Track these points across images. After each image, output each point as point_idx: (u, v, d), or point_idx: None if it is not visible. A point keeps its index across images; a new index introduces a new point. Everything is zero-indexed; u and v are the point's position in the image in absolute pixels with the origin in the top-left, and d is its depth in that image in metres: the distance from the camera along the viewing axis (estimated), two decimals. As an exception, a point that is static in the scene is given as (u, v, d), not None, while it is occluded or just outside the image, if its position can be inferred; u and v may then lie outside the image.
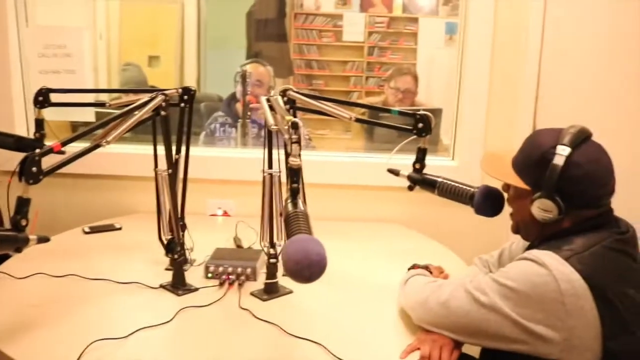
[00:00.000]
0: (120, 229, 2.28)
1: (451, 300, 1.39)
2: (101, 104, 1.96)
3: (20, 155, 1.80)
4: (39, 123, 1.89)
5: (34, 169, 1.34)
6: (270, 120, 1.50)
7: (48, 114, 1.94)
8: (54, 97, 1.91)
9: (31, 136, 1.95)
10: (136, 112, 1.55)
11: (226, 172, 2.50)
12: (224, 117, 3.16)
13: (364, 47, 5.77)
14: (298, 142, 1.31)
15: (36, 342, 1.45)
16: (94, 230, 2.24)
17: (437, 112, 2.84)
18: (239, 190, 2.47)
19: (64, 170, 1.44)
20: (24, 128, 2.58)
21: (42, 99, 1.87)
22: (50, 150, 1.38)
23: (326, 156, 2.59)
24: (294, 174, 1.31)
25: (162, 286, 1.73)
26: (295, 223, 1.22)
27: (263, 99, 1.62)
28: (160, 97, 1.61)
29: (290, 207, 1.27)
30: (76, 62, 2.61)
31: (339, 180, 2.49)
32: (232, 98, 3.23)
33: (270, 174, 1.67)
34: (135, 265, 1.90)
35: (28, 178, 1.33)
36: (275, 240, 1.70)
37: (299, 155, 1.30)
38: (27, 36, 2.58)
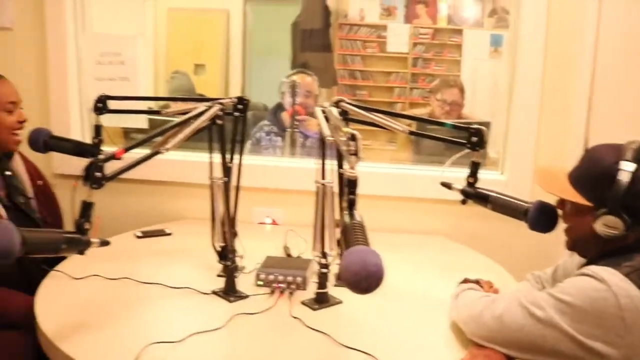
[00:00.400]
0: (170, 234, 2.32)
1: (506, 314, 1.38)
2: (156, 112, 2.01)
3: (77, 160, 1.87)
4: (97, 129, 1.94)
5: (98, 174, 1.38)
6: (326, 131, 1.52)
7: (102, 120, 1.99)
8: (110, 104, 1.96)
9: (85, 141, 2.01)
10: (194, 120, 1.58)
11: (274, 180, 2.52)
12: (270, 126, 3.20)
13: (408, 58, 5.77)
14: (356, 153, 1.33)
15: (93, 342, 1.49)
16: (146, 234, 2.29)
17: (485, 125, 2.82)
18: (287, 199, 2.49)
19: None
20: (78, 133, 2.64)
21: (101, 105, 1.92)
22: (113, 157, 1.42)
23: (374, 167, 2.59)
24: (351, 185, 1.32)
25: (214, 292, 1.76)
26: (353, 234, 1.23)
27: (318, 109, 1.63)
28: (217, 106, 1.64)
29: (347, 218, 1.28)
30: (130, 69, 2.67)
31: (384, 192, 2.49)
32: (278, 107, 3.27)
33: (324, 185, 1.68)
34: (187, 271, 1.94)
35: (92, 183, 1.37)
36: (326, 250, 1.71)
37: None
38: (85, 44, 2.65)
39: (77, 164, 1.88)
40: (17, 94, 2.06)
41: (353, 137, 1.33)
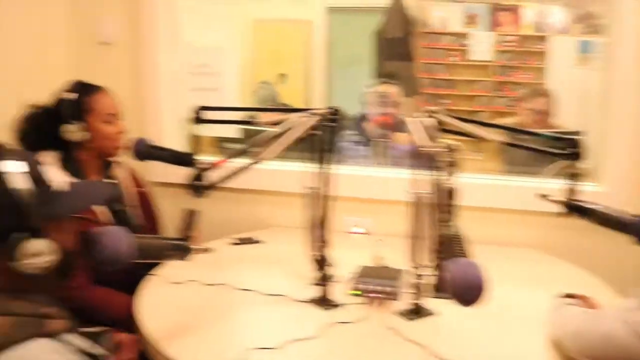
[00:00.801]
0: (261, 242, 2.37)
1: (610, 332, 1.33)
2: (249, 122, 2.05)
3: (172, 168, 1.93)
4: (194, 139, 1.99)
5: (202, 182, 1.42)
6: (421, 142, 1.52)
7: (197, 129, 2.05)
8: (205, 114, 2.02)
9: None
10: (293, 131, 1.61)
11: (363, 190, 2.52)
12: (354, 135, 3.21)
13: (492, 66, 5.67)
14: (454, 164, 1.32)
15: (193, 344, 1.55)
16: (238, 242, 2.34)
17: (577, 135, 2.74)
18: (376, 209, 2.49)
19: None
20: (171, 142, 2.72)
21: (198, 116, 1.97)
22: (216, 165, 1.46)
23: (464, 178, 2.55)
24: (450, 196, 1.32)
25: (308, 300, 1.78)
26: (454, 246, 1.23)
27: (412, 119, 1.64)
28: (316, 117, 1.66)
29: (446, 229, 1.28)
30: (220, 80, 2.75)
31: (474, 202, 2.44)
32: (362, 117, 3.28)
33: (418, 195, 1.67)
34: (280, 278, 1.97)
35: (196, 191, 1.42)
36: (421, 261, 1.69)
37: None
38: (177, 56, 2.74)
39: (172, 172, 1.95)
40: (116, 106, 2.15)
41: (451, 148, 1.33)
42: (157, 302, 1.80)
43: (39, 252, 1.01)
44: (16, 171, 1.01)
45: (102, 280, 1.97)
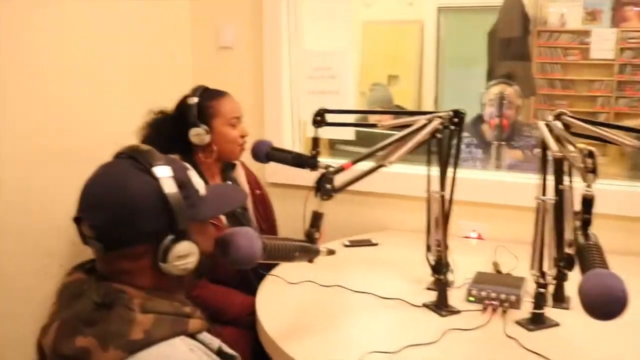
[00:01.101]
0: (376, 244, 2.36)
1: None
2: (372, 125, 2.06)
3: (288, 170, 1.97)
4: (315, 141, 2.01)
5: (329, 185, 1.44)
6: (554, 147, 1.47)
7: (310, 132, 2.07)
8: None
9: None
10: (415, 134, 1.61)
11: (479, 194, 2.45)
12: (470, 137, 3.15)
13: (614, 66, 5.36)
14: (593, 171, 1.28)
15: (311, 345, 1.57)
16: (354, 244, 2.34)
17: None
18: (492, 213, 2.43)
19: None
20: (289, 144, 2.78)
21: (320, 118, 2.00)
22: (342, 169, 1.48)
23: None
24: (587, 204, 1.28)
25: (425, 305, 1.76)
26: (592, 256, 1.18)
27: (542, 123, 1.59)
28: (438, 120, 1.65)
29: (583, 238, 1.23)
30: (337, 83, 2.76)
31: (601, 210, 2.32)
32: (478, 119, 3.21)
33: (544, 201, 1.62)
34: (395, 282, 1.96)
35: (323, 194, 1.43)
36: (545, 269, 1.64)
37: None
38: (297, 60, 2.80)
39: (288, 174, 1.98)
40: (240, 110, 2.19)
41: (591, 154, 1.28)
42: (276, 302, 1.84)
43: (186, 254, 1.06)
44: (165, 176, 1.06)
45: (217, 280, 2.03)
